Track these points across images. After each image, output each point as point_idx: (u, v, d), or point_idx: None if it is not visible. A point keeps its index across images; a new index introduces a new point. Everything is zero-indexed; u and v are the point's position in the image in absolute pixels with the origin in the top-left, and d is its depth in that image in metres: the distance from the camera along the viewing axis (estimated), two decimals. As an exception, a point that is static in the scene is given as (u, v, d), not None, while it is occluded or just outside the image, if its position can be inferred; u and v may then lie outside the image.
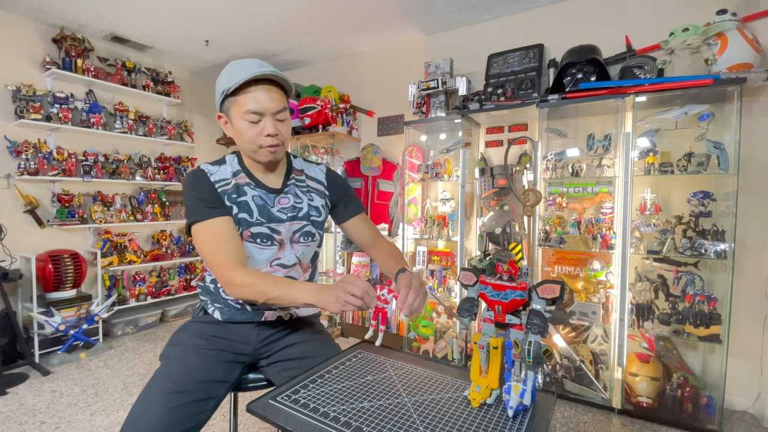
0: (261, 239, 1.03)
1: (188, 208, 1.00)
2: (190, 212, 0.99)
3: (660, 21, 2.09)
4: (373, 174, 3.06)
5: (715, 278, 1.93)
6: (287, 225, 1.06)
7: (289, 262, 1.08)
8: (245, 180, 1.05)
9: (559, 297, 0.73)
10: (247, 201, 1.03)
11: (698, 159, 1.83)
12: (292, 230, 1.07)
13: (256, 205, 1.03)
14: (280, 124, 1.00)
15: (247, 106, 0.95)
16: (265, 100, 0.96)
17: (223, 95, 0.98)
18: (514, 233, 2.29)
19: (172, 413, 0.84)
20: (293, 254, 1.08)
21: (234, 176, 1.04)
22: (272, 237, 1.04)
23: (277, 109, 0.98)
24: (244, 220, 1.01)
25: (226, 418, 1.84)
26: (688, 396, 1.83)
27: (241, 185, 1.04)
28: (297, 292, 0.89)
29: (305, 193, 1.12)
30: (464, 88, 2.51)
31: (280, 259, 1.07)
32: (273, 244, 1.05)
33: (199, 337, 1.02)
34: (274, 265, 1.06)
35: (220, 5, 2.54)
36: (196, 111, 3.91)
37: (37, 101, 2.67)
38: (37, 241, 2.74)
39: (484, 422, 0.72)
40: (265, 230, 1.03)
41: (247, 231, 1.02)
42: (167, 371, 0.92)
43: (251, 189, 1.04)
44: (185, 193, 1.02)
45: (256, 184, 1.06)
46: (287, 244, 1.07)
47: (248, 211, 1.02)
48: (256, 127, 0.98)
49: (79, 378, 2.29)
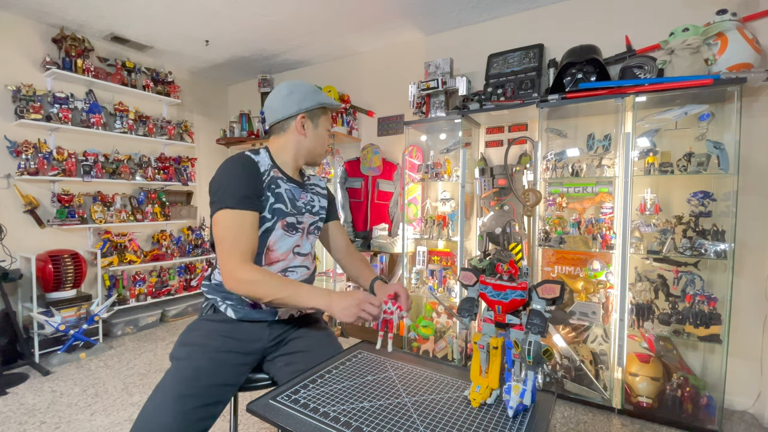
0: (290, 228, 1.13)
1: (225, 189, 1.01)
2: (227, 195, 1.00)
3: (660, 21, 2.09)
4: (373, 174, 3.07)
5: (715, 278, 1.93)
6: (307, 216, 1.18)
7: (305, 250, 1.19)
8: (278, 174, 1.13)
9: (559, 297, 0.73)
10: (281, 192, 1.11)
11: (698, 159, 1.83)
12: (309, 222, 1.19)
13: (288, 198, 1.12)
14: None
15: (329, 123, 1.22)
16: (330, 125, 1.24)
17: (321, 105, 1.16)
18: (514, 233, 2.29)
19: (182, 417, 0.85)
20: (309, 244, 1.20)
21: (271, 168, 1.12)
22: (296, 227, 1.14)
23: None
24: (280, 210, 1.09)
25: (226, 418, 1.84)
26: (688, 396, 1.83)
27: (276, 178, 1.12)
28: (308, 294, 0.96)
29: (315, 193, 1.25)
30: (464, 88, 2.50)
31: (299, 247, 1.16)
32: (297, 232, 1.15)
33: (209, 337, 1.02)
34: (294, 252, 1.15)
35: (220, 5, 2.54)
36: (196, 111, 3.91)
37: (37, 101, 2.67)
38: (37, 241, 2.74)
39: (484, 422, 0.72)
40: (293, 220, 1.13)
41: (283, 220, 1.10)
42: (178, 373, 0.92)
43: (283, 182, 1.13)
44: (229, 173, 1.04)
45: (287, 179, 1.15)
46: (305, 234, 1.18)
47: (283, 202, 1.10)
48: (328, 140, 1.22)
49: (79, 378, 2.29)
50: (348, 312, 0.92)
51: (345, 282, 3.05)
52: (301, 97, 1.14)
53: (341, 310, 0.92)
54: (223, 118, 4.06)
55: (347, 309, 0.92)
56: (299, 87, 1.16)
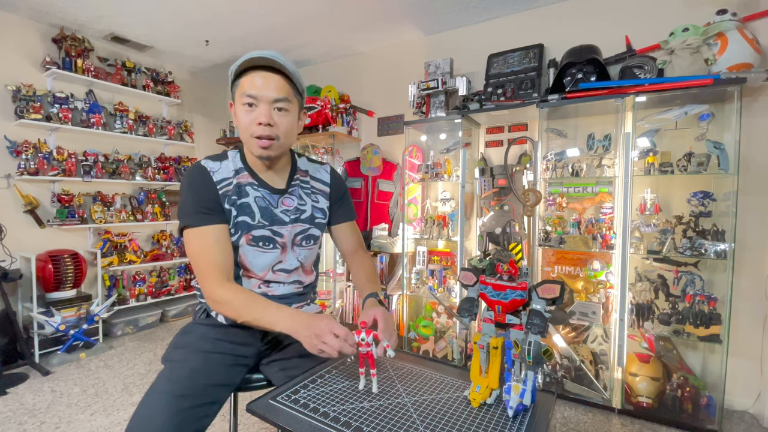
0: (263, 242, 1.00)
1: (182, 208, 0.95)
2: (184, 214, 0.95)
3: (660, 21, 2.09)
4: (373, 174, 3.06)
5: (715, 278, 1.93)
6: (289, 227, 1.03)
7: (291, 266, 1.06)
8: (248, 179, 1.01)
9: (559, 297, 0.73)
10: (249, 202, 0.99)
11: (698, 159, 1.83)
12: (294, 233, 1.05)
13: (259, 207, 1.00)
14: (278, 115, 0.95)
15: (244, 89, 0.92)
16: (261, 85, 0.91)
17: (230, 81, 0.96)
18: (514, 233, 2.29)
19: (177, 417, 0.82)
20: (295, 258, 1.06)
21: (236, 174, 1.00)
22: (274, 240, 1.01)
23: (274, 96, 0.93)
24: (244, 223, 0.98)
25: (226, 418, 1.84)
26: (688, 396, 1.83)
27: (243, 185, 1.00)
28: (273, 316, 0.87)
29: (309, 195, 1.09)
30: (464, 88, 2.50)
31: (281, 263, 1.04)
32: (275, 247, 1.02)
33: (202, 340, 0.99)
34: (276, 270, 1.04)
35: (220, 5, 2.54)
36: (196, 111, 3.91)
37: (37, 101, 2.67)
38: (37, 241, 2.74)
39: (484, 422, 0.72)
40: (268, 233, 1.00)
41: (248, 235, 0.99)
42: (172, 374, 0.89)
43: (254, 189, 1.00)
44: (183, 190, 0.97)
45: (260, 183, 1.01)
46: (289, 247, 1.05)
47: (249, 213, 0.98)
48: (251, 114, 0.93)
49: (79, 378, 2.29)
50: (309, 342, 0.80)
51: (345, 282, 3.06)
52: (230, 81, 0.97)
53: (304, 339, 0.81)
54: (223, 118, 4.07)
55: (309, 338, 0.80)
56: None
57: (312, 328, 0.80)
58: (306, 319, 0.83)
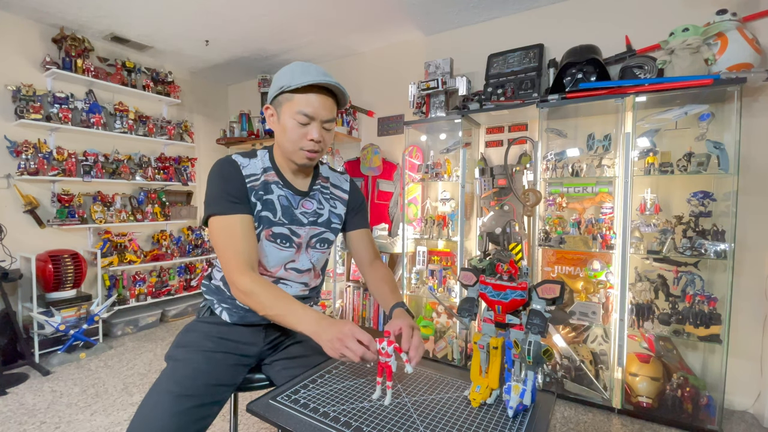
0: (281, 240, 1.04)
1: (210, 197, 0.98)
2: (212, 203, 0.97)
3: (660, 21, 2.09)
4: (373, 174, 3.07)
5: (715, 278, 1.93)
6: (306, 229, 1.07)
7: (304, 267, 1.09)
8: (274, 178, 1.05)
9: (559, 297, 0.73)
10: (273, 200, 1.03)
11: (698, 159, 1.83)
12: (310, 235, 1.08)
13: (281, 205, 1.04)
14: (325, 133, 1.02)
15: (300, 107, 0.97)
16: (318, 105, 0.97)
17: (281, 90, 0.98)
18: (514, 233, 2.29)
19: (179, 417, 0.83)
20: (308, 259, 1.10)
21: (264, 172, 1.04)
22: (291, 239, 1.05)
23: (327, 117, 1.00)
24: (266, 218, 1.02)
25: (226, 418, 1.84)
26: (688, 396, 1.83)
27: (269, 183, 1.04)
28: (297, 317, 0.88)
29: (328, 200, 1.13)
30: (464, 88, 2.50)
31: (294, 263, 1.07)
32: (291, 246, 1.06)
33: (205, 339, 1.01)
34: (288, 268, 1.07)
35: (220, 5, 2.54)
36: (196, 111, 3.91)
37: (37, 101, 2.67)
38: (37, 241, 2.74)
39: (484, 422, 0.72)
40: (286, 231, 1.04)
41: (268, 230, 1.02)
42: (174, 373, 0.90)
43: (278, 188, 1.04)
44: (211, 180, 1.00)
45: (284, 184, 1.06)
46: (303, 248, 1.08)
47: (272, 210, 1.02)
48: (302, 130, 0.98)
49: (79, 378, 2.29)
50: (331, 346, 0.81)
51: (345, 282, 3.05)
52: (274, 86, 1.01)
53: (326, 342, 0.81)
54: (223, 118, 4.06)
55: (330, 342, 0.81)
56: (279, 73, 1.00)
57: (335, 333, 0.81)
58: (330, 324, 0.84)
